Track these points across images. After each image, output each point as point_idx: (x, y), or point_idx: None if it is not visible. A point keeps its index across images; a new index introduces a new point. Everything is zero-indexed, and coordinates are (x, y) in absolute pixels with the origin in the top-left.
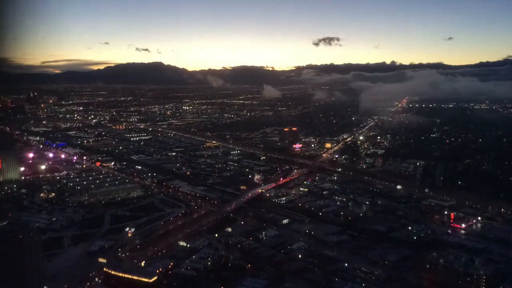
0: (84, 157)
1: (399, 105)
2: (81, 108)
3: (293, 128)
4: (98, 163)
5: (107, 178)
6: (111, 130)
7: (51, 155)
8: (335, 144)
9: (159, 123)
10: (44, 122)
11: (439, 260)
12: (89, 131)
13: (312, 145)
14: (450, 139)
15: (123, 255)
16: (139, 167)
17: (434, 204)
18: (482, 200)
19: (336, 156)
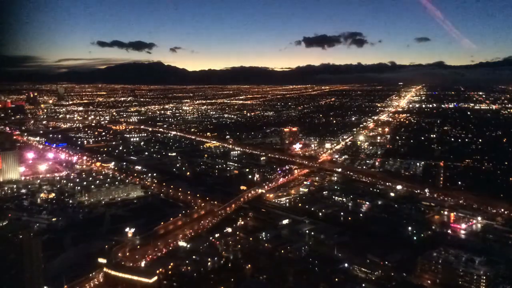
0: (84, 157)
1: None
2: (81, 108)
3: (293, 128)
4: (98, 163)
5: (107, 178)
6: (111, 130)
7: (51, 155)
8: (335, 144)
9: (159, 123)
10: (44, 122)
11: (439, 260)
12: (89, 131)
13: (312, 145)
14: (450, 139)
15: (123, 255)
16: (139, 167)
17: (434, 204)
18: (482, 200)
19: (336, 156)
